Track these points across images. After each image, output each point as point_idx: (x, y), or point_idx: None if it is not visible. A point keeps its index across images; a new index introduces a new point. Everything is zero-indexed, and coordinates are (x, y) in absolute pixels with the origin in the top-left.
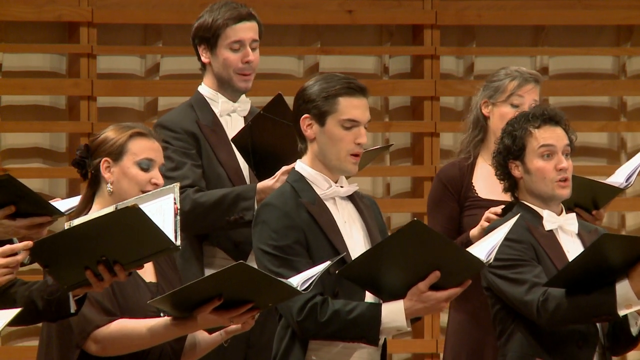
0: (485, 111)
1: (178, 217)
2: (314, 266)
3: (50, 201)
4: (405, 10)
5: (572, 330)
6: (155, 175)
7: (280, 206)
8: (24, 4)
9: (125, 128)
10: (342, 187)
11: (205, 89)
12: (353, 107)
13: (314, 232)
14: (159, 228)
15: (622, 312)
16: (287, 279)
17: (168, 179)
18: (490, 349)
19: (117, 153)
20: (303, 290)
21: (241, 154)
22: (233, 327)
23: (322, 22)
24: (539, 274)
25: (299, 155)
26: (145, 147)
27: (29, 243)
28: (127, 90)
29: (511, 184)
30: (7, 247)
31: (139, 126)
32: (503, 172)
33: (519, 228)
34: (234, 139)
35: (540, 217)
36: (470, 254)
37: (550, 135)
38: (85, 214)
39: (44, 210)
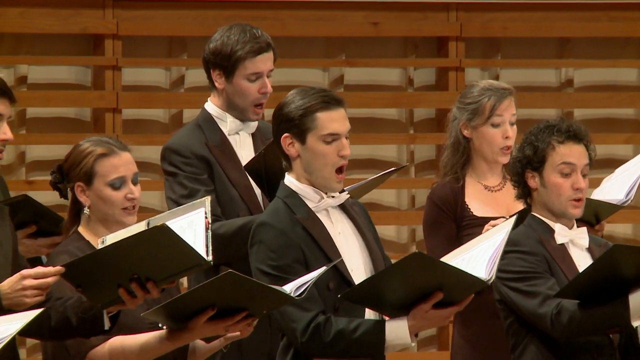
0: (466, 133)
1: (209, 232)
2: (316, 284)
3: None
4: (430, 22)
5: (587, 341)
6: (129, 190)
7: (276, 225)
8: (49, 17)
9: (93, 145)
10: (332, 197)
11: (213, 108)
12: (332, 121)
13: (310, 247)
14: (189, 245)
15: (635, 323)
16: None
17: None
18: None
19: (87, 178)
20: (296, 296)
21: (254, 181)
22: (231, 334)
23: (347, 34)
24: (552, 286)
25: (261, 173)
26: (113, 166)
27: (61, 268)
28: (152, 103)
29: (525, 192)
30: (40, 270)
31: (104, 143)
32: (519, 180)
33: (532, 240)
34: (247, 166)
35: (552, 230)
36: (472, 275)
37: (572, 153)
38: (74, 232)
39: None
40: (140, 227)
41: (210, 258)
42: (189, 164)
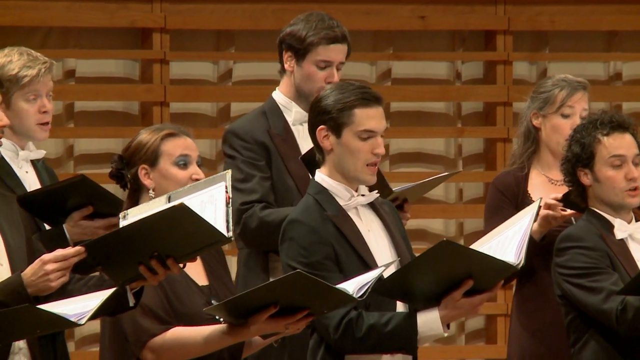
0: (535, 123)
1: (230, 207)
2: (346, 279)
3: None
4: (478, 15)
5: None
6: (195, 170)
7: (307, 222)
8: (97, 10)
9: (155, 131)
10: (362, 195)
11: (280, 96)
12: (369, 118)
13: (341, 244)
14: (209, 222)
15: None
16: None
17: (236, 190)
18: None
19: (152, 158)
20: (359, 297)
21: (310, 172)
22: (289, 332)
23: (394, 27)
24: (615, 282)
25: (317, 165)
26: (179, 146)
27: (81, 249)
28: (200, 96)
29: (580, 191)
30: (60, 253)
31: (168, 127)
32: (572, 180)
33: (593, 235)
34: (303, 157)
35: (611, 226)
36: (502, 260)
37: (620, 144)
38: None
39: (120, 210)
40: (161, 201)
41: (230, 234)
42: (248, 149)
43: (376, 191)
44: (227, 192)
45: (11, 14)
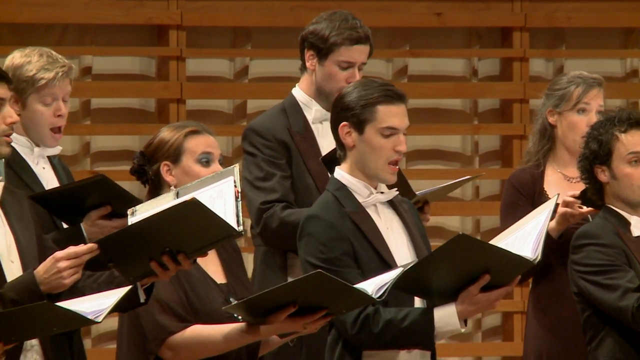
0: (551, 120)
1: (239, 202)
2: (364, 277)
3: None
4: (494, 12)
5: None
6: (217, 168)
7: (325, 217)
8: (114, 7)
9: (178, 128)
10: (382, 192)
11: (300, 93)
12: (392, 115)
13: (359, 241)
14: (220, 217)
15: None
16: None
17: (257, 188)
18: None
19: (175, 155)
20: (378, 297)
21: (330, 173)
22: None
23: (410, 24)
24: (631, 279)
25: (338, 162)
26: (202, 143)
27: (94, 246)
28: (216, 93)
29: (597, 188)
30: (72, 250)
31: (191, 124)
32: (589, 177)
33: (609, 232)
34: (324, 158)
35: (628, 223)
36: (518, 255)
37: (638, 141)
38: None
39: None
40: (169, 196)
41: (241, 228)
42: (269, 147)
43: (395, 189)
44: (235, 186)
45: (28, 11)
